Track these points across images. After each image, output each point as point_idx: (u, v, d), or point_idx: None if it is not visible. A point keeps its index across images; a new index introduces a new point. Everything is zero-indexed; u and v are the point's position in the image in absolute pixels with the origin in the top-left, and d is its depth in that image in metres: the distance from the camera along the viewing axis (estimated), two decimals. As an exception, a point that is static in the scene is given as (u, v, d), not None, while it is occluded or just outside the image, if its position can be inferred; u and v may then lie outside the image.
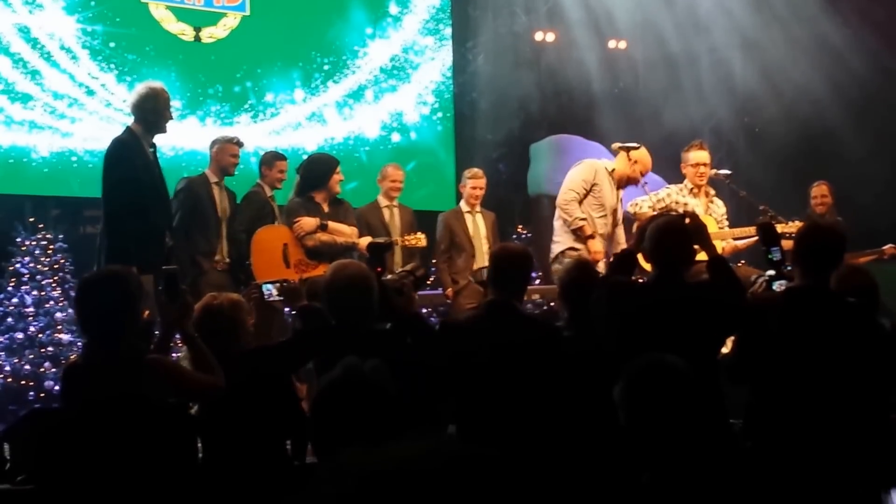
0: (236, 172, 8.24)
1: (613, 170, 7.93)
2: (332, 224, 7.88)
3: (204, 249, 7.86)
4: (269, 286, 5.50)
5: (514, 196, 11.78)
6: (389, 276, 5.45)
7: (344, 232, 7.92)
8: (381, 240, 6.78)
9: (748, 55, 11.23)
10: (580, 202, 7.79)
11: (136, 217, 6.63)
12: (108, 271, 4.40)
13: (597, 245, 7.67)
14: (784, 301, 4.71)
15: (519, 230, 11.05)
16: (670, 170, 9.05)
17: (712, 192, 8.34)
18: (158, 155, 7.08)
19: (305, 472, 4.70)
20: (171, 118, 7.06)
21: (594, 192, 7.84)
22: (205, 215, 7.93)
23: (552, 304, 8.43)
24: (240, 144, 8.23)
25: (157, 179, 6.93)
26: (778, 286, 5.08)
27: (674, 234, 4.91)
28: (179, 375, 4.23)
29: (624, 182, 7.96)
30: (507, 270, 5.10)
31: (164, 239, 6.98)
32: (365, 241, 7.84)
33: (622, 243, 7.81)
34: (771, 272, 5.22)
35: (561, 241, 7.90)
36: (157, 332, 4.67)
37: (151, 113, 6.87)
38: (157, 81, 7.38)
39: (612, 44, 11.73)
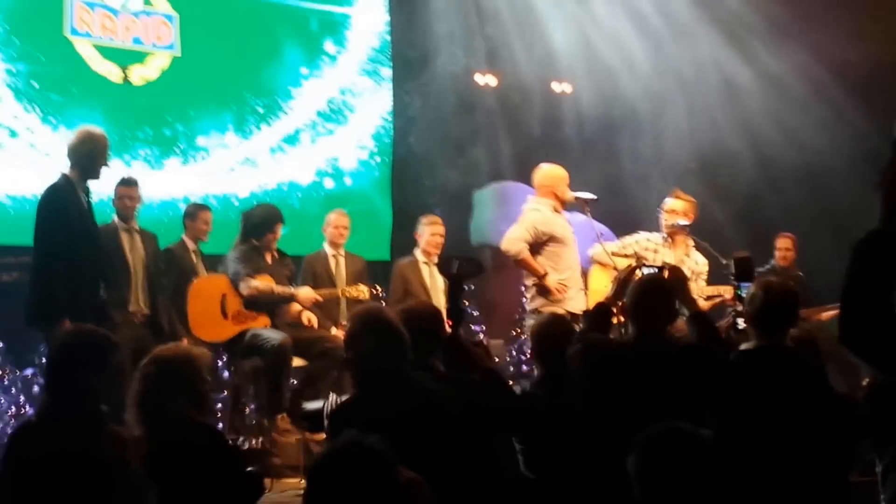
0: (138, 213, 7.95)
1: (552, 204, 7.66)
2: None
3: (114, 299, 7.38)
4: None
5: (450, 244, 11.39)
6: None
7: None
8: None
9: (703, 101, 11.05)
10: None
11: (68, 266, 6.44)
12: (94, 331, 4.18)
13: (552, 281, 7.42)
14: (739, 363, 4.58)
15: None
16: (616, 220, 8.83)
17: (691, 243, 7.95)
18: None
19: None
20: (107, 165, 6.83)
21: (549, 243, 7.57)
22: (112, 266, 7.49)
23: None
24: (129, 183, 7.93)
25: (90, 228, 6.76)
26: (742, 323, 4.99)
27: (655, 293, 4.86)
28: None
29: (561, 203, 7.71)
30: (417, 331, 4.54)
31: (98, 290, 6.74)
32: (304, 290, 7.79)
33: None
34: (739, 308, 5.20)
35: (532, 298, 7.64)
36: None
37: (86, 157, 6.67)
38: (96, 126, 7.11)
39: (556, 87, 11.54)
